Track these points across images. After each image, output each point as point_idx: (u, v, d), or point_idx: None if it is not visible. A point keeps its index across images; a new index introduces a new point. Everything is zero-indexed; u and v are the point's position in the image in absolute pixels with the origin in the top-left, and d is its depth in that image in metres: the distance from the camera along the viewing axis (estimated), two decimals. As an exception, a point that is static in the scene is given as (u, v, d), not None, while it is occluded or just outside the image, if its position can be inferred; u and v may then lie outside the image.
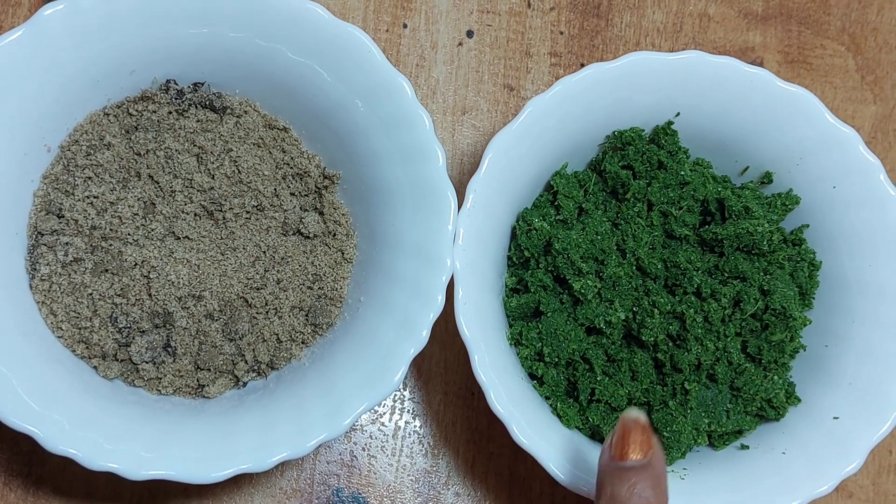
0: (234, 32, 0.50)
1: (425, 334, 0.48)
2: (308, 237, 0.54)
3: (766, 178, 0.56)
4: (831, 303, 0.55)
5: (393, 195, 0.51)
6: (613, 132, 0.55)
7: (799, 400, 0.54)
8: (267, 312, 0.52)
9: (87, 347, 0.50)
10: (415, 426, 0.59)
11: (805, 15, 0.68)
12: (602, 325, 0.51)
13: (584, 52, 0.65)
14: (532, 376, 0.54)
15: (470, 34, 0.65)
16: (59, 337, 0.50)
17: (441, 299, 0.48)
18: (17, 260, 0.50)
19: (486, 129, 0.64)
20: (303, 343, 0.53)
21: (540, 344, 0.52)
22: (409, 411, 0.60)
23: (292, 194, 0.54)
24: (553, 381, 0.53)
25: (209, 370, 0.51)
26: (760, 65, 0.66)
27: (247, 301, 0.52)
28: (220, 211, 0.52)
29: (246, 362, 0.52)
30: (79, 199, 0.50)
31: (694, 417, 0.52)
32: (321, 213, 0.55)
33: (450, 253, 0.49)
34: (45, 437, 0.44)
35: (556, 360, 0.52)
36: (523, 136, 0.51)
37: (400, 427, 0.59)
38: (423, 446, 0.59)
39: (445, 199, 0.49)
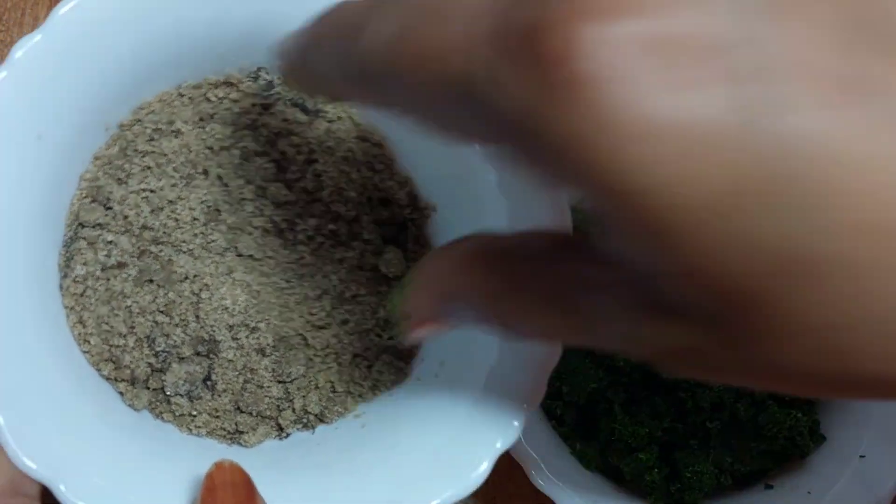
0: None
1: (517, 424, 0.40)
2: (386, 276, 0.45)
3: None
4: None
5: None
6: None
7: (824, 438, 0.53)
8: (325, 356, 0.44)
9: (115, 368, 0.43)
10: (432, 466, 0.58)
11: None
12: (621, 364, 0.51)
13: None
14: (550, 416, 0.53)
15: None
16: (84, 352, 0.42)
17: (544, 390, 0.40)
18: (54, 255, 0.43)
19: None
20: (360, 397, 0.44)
21: (558, 383, 0.52)
22: (426, 452, 0.59)
23: (375, 222, 0.46)
24: (572, 421, 0.52)
25: (250, 414, 0.44)
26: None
27: (305, 340, 0.44)
28: (293, 230, 0.44)
29: (294, 411, 0.44)
30: (132, 191, 0.43)
31: (716, 456, 0.52)
32: (405, 250, 0.46)
33: None
34: (66, 489, 0.36)
35: (576, 399, 0.51)
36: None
37: (417, 468, 0.58)
38: (441, 487, 0.58)
39: None
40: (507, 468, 0.59)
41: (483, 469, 0.39)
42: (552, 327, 0.28)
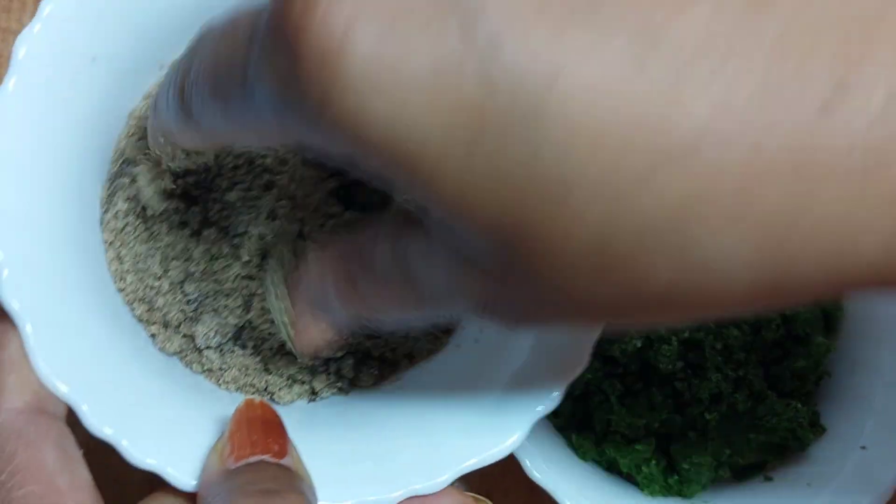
0: None
1: (556, 394, 0.39)
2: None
3: (787, 200, 0.55)
4: (858, 328, 0.54)
5: None
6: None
7: (824, 429, 0.52)
8: None
9: (148, 310, 0.41)
10: (428, 459, 0.58)
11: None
12: (617, 355, 0.50)
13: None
14: (546, 407, 0.53)
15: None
16: (120, 290, 0.41)
17: (587, 359, 0.39)
18: (97, 188, 0.42)
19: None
20: (395, 364, 0.44)
21: (554, 374, 0.51)
22: (421, 444, 0.58)
23: None
24: (568, 413, 0.52)
25: (281, 377, 0.42)
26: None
27: None
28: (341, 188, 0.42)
29: (328, 375, 0.42)
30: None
31: (715, 448, 0.51)
32: None
33: None
34: (90, 411, 0.35)
35: (571, 390, 0.51)
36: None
37: (412, 460, 0.58)
38: (436, 479, 0.58)
39: None
40: (503, 461, 0.58)
41: (521, 432, 0.39)
42: (403, 300, 0.29)
